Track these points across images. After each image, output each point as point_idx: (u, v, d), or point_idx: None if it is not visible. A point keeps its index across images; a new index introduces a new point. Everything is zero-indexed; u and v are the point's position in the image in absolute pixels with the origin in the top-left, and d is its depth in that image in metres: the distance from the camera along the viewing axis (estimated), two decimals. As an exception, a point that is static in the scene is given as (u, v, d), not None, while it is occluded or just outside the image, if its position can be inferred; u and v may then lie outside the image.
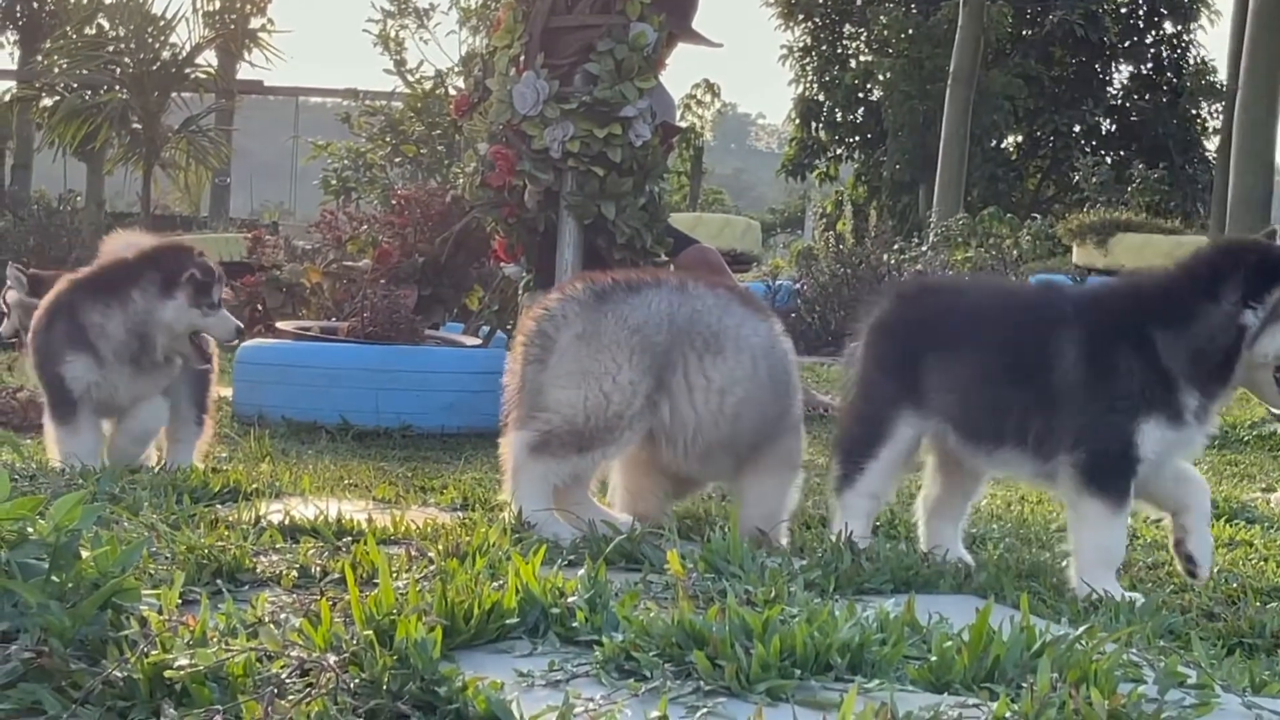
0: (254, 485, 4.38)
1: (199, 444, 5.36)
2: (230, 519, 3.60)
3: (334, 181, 15.19)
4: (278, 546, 3.30)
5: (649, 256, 7.31)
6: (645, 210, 7.33)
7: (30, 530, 2.42)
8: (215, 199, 30.06)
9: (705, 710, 2.17)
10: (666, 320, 4.00)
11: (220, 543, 3.11)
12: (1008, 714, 2.12)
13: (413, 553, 3.08)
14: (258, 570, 3.03)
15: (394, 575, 2.70)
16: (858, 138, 42.61)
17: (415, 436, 7.06)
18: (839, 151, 43.14)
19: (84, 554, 2.44)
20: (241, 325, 5.26)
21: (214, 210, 29.54)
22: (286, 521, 3.60)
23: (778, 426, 4.17)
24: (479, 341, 8.14)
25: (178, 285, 5.00)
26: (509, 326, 8.04)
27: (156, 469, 4.91)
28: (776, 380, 4.16)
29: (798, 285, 18.13)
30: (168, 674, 2.14)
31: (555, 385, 3.96)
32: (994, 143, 39.66)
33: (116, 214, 26.46)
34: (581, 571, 2.81)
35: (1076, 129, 40.13)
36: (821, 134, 42.96)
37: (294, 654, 2.23)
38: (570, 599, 2.65)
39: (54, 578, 2.37)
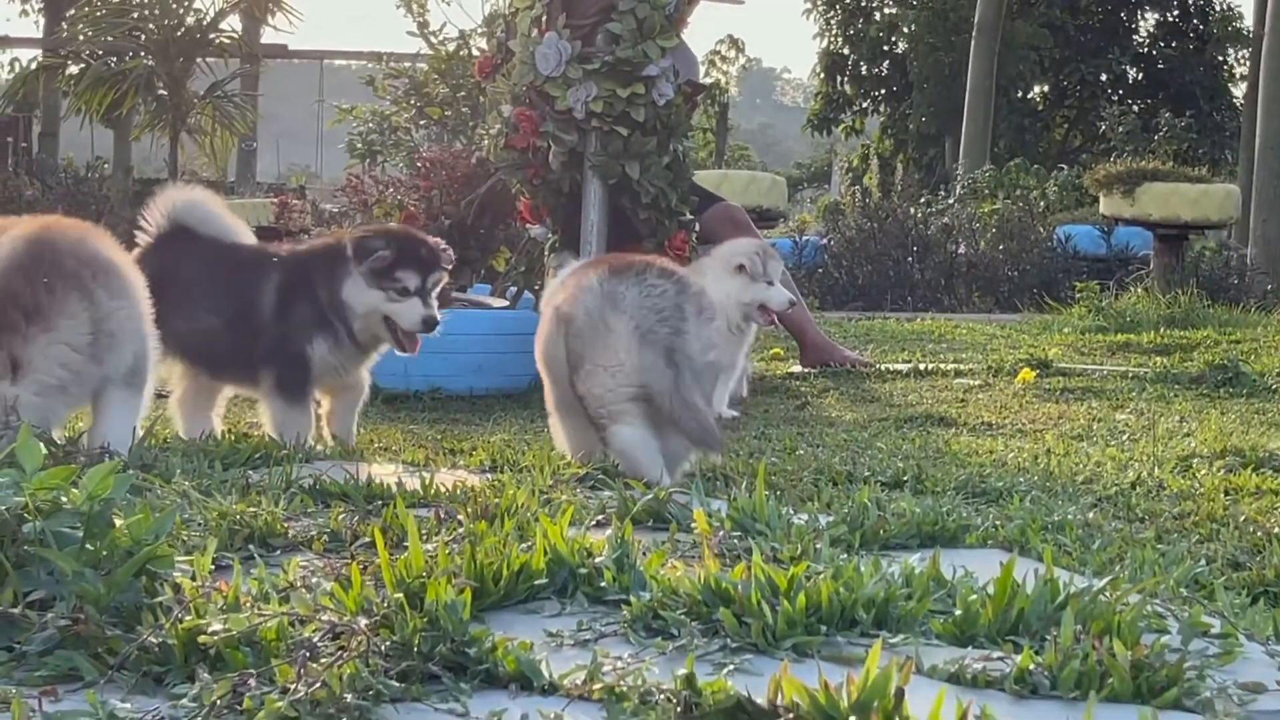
0: (284, 450, 4.40)
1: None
2: (261, 484, 3.62)
3: (359, 145, 15.17)
4: (309, 511, 3.32)
5: (674, 215, 7.32)
6: (670, 169, 7.32)
7: (64, 499, 2.45)
8: (242, 164, 30.15)
9: (732, 667, 2.19)
10: None
11: (252, 509, 3.13)
12: (1032, 666, 2.14)
13: (442, 515, 3.09)
14: (289, 535, 3.04)
15: (423, 538, 2.72)
16: (883, 91, 42.49)
17: (444, 399, 7.09)
18: (865, 105, 43.03)
19: (117, 522, 2.47)
20: (434, 316, 5.08)
21: (241, 175, 29.61)
22: (317, 486, 3.63)
23: None
24: (506, 303, 8.15)
25: (354, 262, 4.99)
26: (536, 287, 8.05)
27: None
28: None
29: (825, 241, 18.15)
30: (202, 639, 2.16)
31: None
32: (1020, 93, 39.52)
33: (144, 180, 26.52)
34: (609, 531, 2.84)
35: (1103, 78, 39.94)
36: (847, 88, 42.86)
37: (325, 618, 2.25)
38: (598, 559, 2.67)
39: (88, 546, 2.40)
